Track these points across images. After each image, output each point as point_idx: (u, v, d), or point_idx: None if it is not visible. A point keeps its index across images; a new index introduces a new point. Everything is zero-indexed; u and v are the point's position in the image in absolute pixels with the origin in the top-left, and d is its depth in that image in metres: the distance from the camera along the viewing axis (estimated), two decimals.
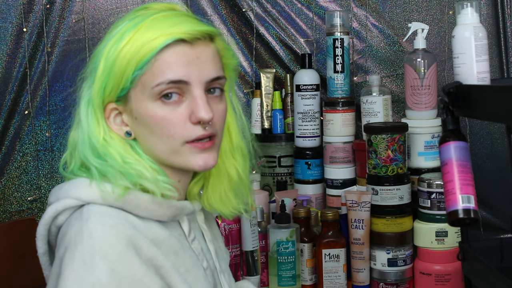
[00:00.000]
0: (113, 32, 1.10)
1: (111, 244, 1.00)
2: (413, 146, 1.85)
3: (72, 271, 0.98)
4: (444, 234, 1.73)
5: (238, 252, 1.79)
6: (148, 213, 1.07)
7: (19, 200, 1.99)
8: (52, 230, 1.08)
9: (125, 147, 1.10)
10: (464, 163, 1.22)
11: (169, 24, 1.07)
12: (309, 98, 1.97)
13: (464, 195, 1.19)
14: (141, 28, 1.07)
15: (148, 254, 1.03)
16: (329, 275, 1.77)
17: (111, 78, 1.07)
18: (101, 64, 1.08)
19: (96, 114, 1.09)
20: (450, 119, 1.29)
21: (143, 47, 1.05)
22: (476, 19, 1.34)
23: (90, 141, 1.08)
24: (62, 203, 1.06)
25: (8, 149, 1.98)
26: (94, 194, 1.05)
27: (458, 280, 1.71)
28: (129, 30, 1.07)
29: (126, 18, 1.11)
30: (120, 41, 1.07)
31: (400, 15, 2.08)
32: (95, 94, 1.08)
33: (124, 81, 1.07)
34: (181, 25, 1.07)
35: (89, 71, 1.11)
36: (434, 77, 1.85)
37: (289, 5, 2.09)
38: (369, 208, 1.77)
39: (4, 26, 1.97)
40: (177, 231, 1.14)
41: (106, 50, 1.08)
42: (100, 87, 1.08)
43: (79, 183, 1.08)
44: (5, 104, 1.97)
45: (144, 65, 1.06)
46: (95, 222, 1.01)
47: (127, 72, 1.06)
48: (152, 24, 1.07)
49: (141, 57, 1.06)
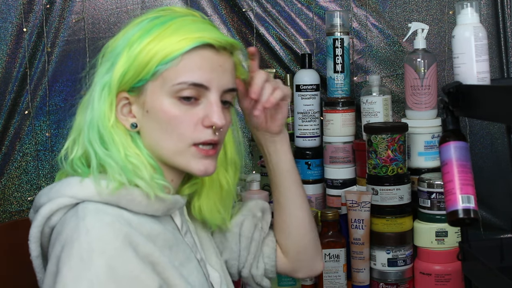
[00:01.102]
0: (134, 28, 1.11)
1: (108, 241, 1.00)
2: (413, 146, 1.85)
3: (70, 268, 0.98)
4: (444, 234, 1.73)
5: None
6: (142, 208, 1.08)
7: (19, 200, 1.99)
8: (45, 231, 1.08)
9: (127, 138, 1.11)
10: (464, 163, 1.22)
11: (198, 28, 1.10)
12: (309, 98, 1.97)
13: (464, 195, 1.19)
14: (171, 26, 1.09)
15: (144, 250, 1.03)
16: (329, 275, 1.77)
17: (133, 67, 1.08)
18: (124, 52, 1.09)
19: (111, 99, 1.10)
20: (450, 119, 1.29)
21: (172, 45, 1.07)
22: (476, 19, 1.34)
23: (98, 125, 1.09)
24: (56, 202, 1.06)
25: (8, 149, 1.98)
26: (89, 191, 1.06)
27: (458, 280, 1.71)
28: (157, 26, 1.09)
29: (146, 16, 1.12)
30: (147, 35, 1.08)
31: (400, 15, 2.08)
32: (115, 79, 1.09)
33: (145, 73, 1.08)
34: (210, 32, 1.10)
35: (105, 58, 1.12)
36: (434, 77, 1.85)
37: (289, 5, 2.09)
38: (369, 208, 1.77)
39: (4, 26, 1.96)
40: (171, 225, 1.15)
41: (130, 41, 1.09)
42: (121, 74, 1.08)
43: (71, 182, 1.08)
44: (5, 104, 1.97)
45: (170, 61, 1.07)
46: (92, 219, 1.02)
47: (150, 64, 1.07)
48: (182, 25, 1.10)
49: (168, 52, 1.07)
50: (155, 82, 1.09)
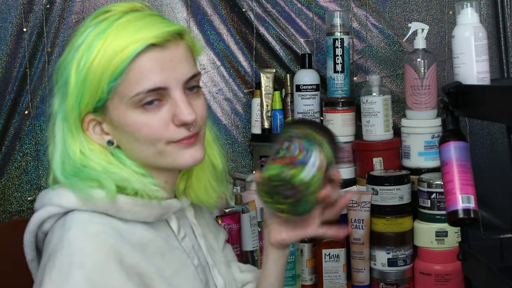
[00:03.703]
0: (78, 40, 1.07)
1: (90, 253, 0.99)
2: (413, 146, 1.85)
3: (51, 280, 0.98)
4: (444, 234, 1.73)
5: (238, 252, 1.78)
6: (132, 215, 1.06)
7: (19, 200, 1.99)
8: (39, 236, 1.08)
9: (106, 156, 1.08)
10: (464, 163, 1.22)
11: (136, 29, 1.04)
12: (309, 98, 1.97)
13: (464, 195, 1.19)
14: (108, 36, 1.04)
15: (130, 262, 1.02)
16: (329, 275, 1.77)
17: (86, 91, 1.05)
18: (72, 77, 1.05)
19: (71, 129, 1.07)
20: (450, 119, 1.29)
21: (115, 58, 1.03)
22: (476, 19, 1.34)
23: (68, 156, 1.07)
24: (46, 210, 1.06)
25: (8, 149, 1.98)
26: (75, 200, 1.04)
27: (458, 280, 1.71)
28: (96, 40, 1.04)
29: (89, 24, 1.08)
30: (88, 52, 1.04)
31: (400, 15, 2.07)
32: (70, 109, 1.06)
33: (100, 93, 1.05)
34: (149, 29, 1.05)
35: (59, 85, 1.09)
36: (434, 77, 1.85)
37: (289, 5, 2.09)
38: (369, 208, 1.77)
39: (4, 26, 1.96)
40: (165, 231, 1.13)
41: (75, 62, 1.05)
42: (75, 101, 1.06)
43: (61, 190, 1.07)
44: (5, 104, 1.97)
45: (118, 76, 1.03)
46: (76, 231, 1.01)
47: (101, 84, 1.04)
48: (119, 31, 1.04)
49: (114, 68, 1.03)
50: (114, 99, 1.05)
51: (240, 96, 2.11)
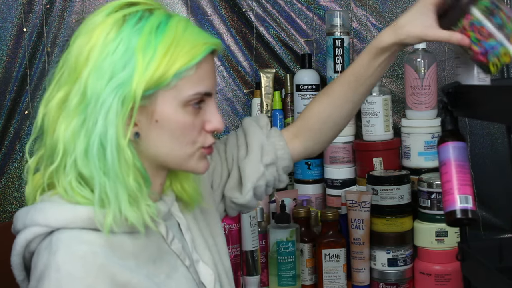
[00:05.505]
0: (130, 31, 1.01)
1: (79, 278, 0.96)
2: (413, 146, 1.84)
3: None
4: (444, 234, 1.73)
5: (238, 252, 1.79)
6: (117, 228, 1.01)
7: (19, 200, 1.99)
8: (26, 256, 1.04)
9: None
10: (462, 164, 1.22)
11: (199, 33, 1.06)
12: (309, 98, 1.96)
13: (462, 196, 1.19)
14: (177, 30, 1.02)
15: (122, 279, 0.99)
16: (329, 275, 1.77)
17: (152, 74, 1.00)
18: (139, 58, 0.99)
19: (125, 115, 1.00)
20: (448, 119, 1.28)
21: (186, 53, 1.02)
22: None
23: (109, 147, 0.99)
24: (31, 231, 1.01)
25: (8, 149, 1.99)
26: (63, 217, 0.99)
27: (458, 280, 1.71)
28: (161, 30, 1.02)
29: (129, 13, 1.03)
30: (158, 36, 1.01)
31: (400, 15, 2.07)
32: (138, 85, 0.99)
33: (160, 82, 1.01)
34: (210, 36, 1.07)
35: (116, 66, 1.00)
36: (434, 77, 1.85)
37: (289, 5, 2.09)
38: (369, 208, 1.77)
39: (4, 26, 1.97)
40: (155, 234, 1.09)
41: (140, 45, 1.00)
42: (140, 81, 0.99)
43: (45, 208, 1.02)
44: (5, 104, 1.97)
45: (185, 71, 1.02)
46: (63, 253, 0.97)
47: (168, 73, 1.01)
48: (185, 29, 1.03)
49: (183, 62, 1.01)
50: (167, 92, 1.02)
51: (240, 96, 2.11)
